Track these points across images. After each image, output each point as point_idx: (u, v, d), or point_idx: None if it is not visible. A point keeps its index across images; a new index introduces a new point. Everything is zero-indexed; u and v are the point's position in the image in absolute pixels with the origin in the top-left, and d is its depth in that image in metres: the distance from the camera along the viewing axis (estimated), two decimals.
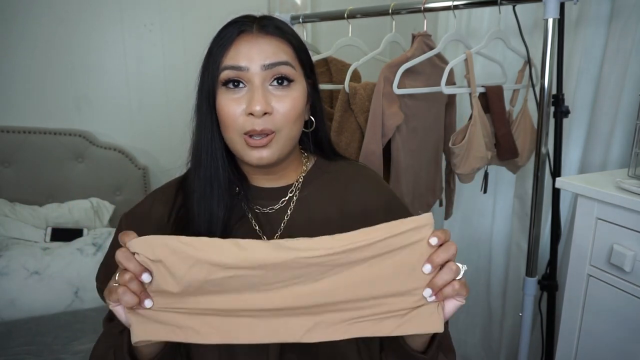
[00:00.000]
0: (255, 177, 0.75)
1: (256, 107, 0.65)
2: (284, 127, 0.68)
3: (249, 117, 0.66)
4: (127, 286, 0.52)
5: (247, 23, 0.69)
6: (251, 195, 0.74)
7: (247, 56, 0.67)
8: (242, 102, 0.67)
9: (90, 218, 1.90)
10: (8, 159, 1.89)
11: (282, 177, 0.76)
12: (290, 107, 0.68)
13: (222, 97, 0.68)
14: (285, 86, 0.68)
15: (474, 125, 1.24)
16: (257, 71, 0.67)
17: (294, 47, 0.72)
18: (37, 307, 1.56)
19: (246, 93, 0.67)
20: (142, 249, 0.52)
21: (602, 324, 1.00)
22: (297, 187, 0.76)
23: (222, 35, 0.69)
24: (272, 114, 0.67)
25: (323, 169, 0.79)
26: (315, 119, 0.77)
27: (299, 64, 0.72)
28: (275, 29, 0.70)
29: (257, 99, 0.65)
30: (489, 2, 1.19)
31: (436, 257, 0.53)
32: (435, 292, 0.54)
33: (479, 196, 1.67)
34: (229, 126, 0.68)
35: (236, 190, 0.73)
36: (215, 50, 0.69)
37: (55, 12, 1.90)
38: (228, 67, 0.67)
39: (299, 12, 2.11)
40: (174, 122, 2.08)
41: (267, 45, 0.68)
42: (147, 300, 0.53)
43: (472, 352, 1.92)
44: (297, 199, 0.75)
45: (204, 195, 0.69)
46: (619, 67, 1.27)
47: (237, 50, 0.68)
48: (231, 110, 0.67)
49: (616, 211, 0.95)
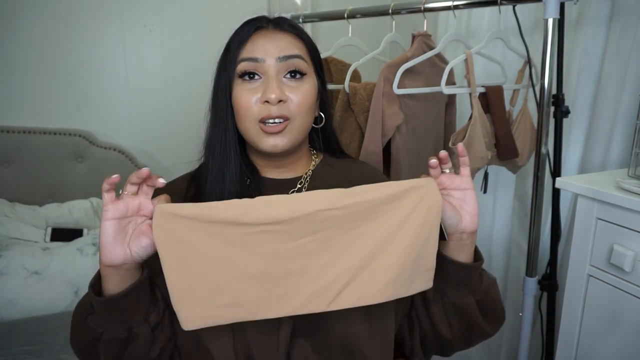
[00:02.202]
0: (266, 169, 0.78)
1: (271, 95, 0.69)
2: (297, 115, 0.71)
3: (264, 104, 0.70)
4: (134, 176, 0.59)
5: (263, 20, 0.74)
6: (262, 186, 0.76)
7: (263, 49, 0.71)
8: (258, 92, 0.70)
9: (90, 218, 1.89)
10: (8, 159, 1.89)
11: (292, 169, 0.79)
12: (303, 97, 0.72)
13: (238, 88, 0.71)
14: (298, 79, 0.72)
15: (474, 125, 1.24)
16: (272, 63, 0.70)
17: (306, 44, 0.76)
18: (37, 307, 1.56)
19: (261, 84, 0.71)
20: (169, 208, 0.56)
21: (602, 324, 1.00)
22: (306, 179, 0.79)
23: (240, 31, 0.73)
24: (286, 102, 0.70)
25: (330, 165, 0.83)
26: (324, 115, 0.81)
27: (311, 60, 0.76)
28: (289, 26, 0.75)
29: (272, 87, 0.69)
30: (489, 2, 1.19)
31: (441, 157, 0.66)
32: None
33: (479, 196, 1.66)
34: (244, 115, 0.71)
35: (247, 182, 0.75)
36: (233, 45, 0.73)
37: (55, 12, 1.90)
38: (245, 59, 0.71)
39: (299, 12, 2.11)
40: (174, 122, 2.08)
41: (282, 39, 0.73)
42: (161, 179, 0.59)
43: (472, 352, 1.92)
44: (306, 190, 0.77)
45: (216, 183, 0.72)
46: (619, 67, 1.27)
47: (253, 44, 0.72)
48: (247, 100, 0.70)
49: (616, 211, 0.95)
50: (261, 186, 0.76)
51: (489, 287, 0.72)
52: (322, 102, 0.80)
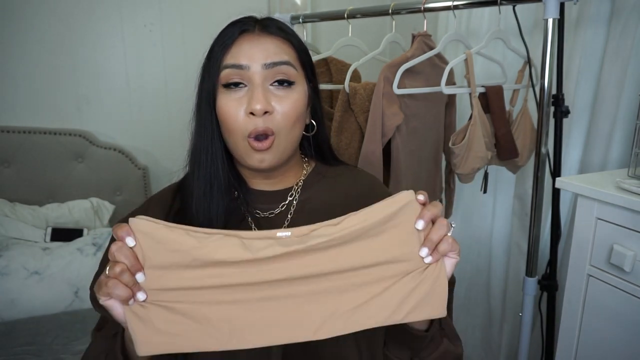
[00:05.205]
0: (254, 180, 0.74)
1: (256, 105, 0.64)
2: (283, 128, 0.67)
3: (249, 117, 0.65)
4: (119, 278, 0.49)
5: (249, 23, 0.69)
6: (250, 199, 0.72)
7: (248, 55, 0.66)
8: (243, 102, 0.66)
9: (90, 218, 1.90)
10: (8, 159, 1.89)
11: (281, 180, 0.75)
12: (290, 108, 0.67)
13: (222, 98, 0.67)
14: (286, 87, 0.67)
15: (474, 125, 1.24)
16: (257, 70, 0.66)
17: (296, 48, 0.71)
18: (37, 307, 1.56)
19: (246, 93, 0.66)
20: (145, 226, 0.51)
21: (602, 324, 1.00)
22: (297, 190, 0.75)
23: (224, 34, 0.68)
24: (272, 113, 0.66)
25: (322, 174, 0.78)
26: (315, 122, 0.76)
27: (301, 66, 0.71)
28: (278, 29, 0.69)
29: (257, 97, 0.64)
30: (489, 2, 1.19)
31: (426, 212, 0.54)
32: (431, 250, 0.54)
33: (479, 196, 1.67)
34: (231, 129, 0.66)
35: (235, 194, 0.71)
36: (216, 49, 0.68)
37: (55, 12, 1.90)
38: (229, 66, 0.66)
39: (299, 12, 2.11)
40: (174, 122, 2.08)
41: (269, 44, 0.68)
42: (140, 293, 0.51)
43: (472, 352, 1.92)
44: (297, 203, 0.73)
45: (203, 197, 0.67)
46: (619, 67, 1.27)
47: (238, 49, 0.67)
48: (232, 111, 0.66)
49: (616, 211, 0.95)
50: (250, 199, 0.72)
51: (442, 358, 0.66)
52: (314, 108, 0.75)
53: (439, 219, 0.55)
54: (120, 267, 0.50)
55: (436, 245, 0.54)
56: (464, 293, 1.91)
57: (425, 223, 0.54)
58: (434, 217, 0.54)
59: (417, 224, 0.54)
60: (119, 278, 0.49)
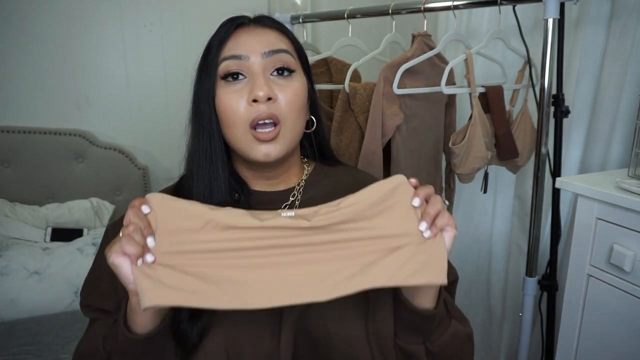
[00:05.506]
0: (255, 181, 0.73)
1: (259, 92, 0.63)
2: (288, 116, 0.66)
3: (252, 105, 0.64)
4: (131, 235, 0.50)
5: (243, 18, 0.70)
6: (252, 200, 0.71)
7: (246, 45, 0.66)
8: (244, 93, 0.65)
9: (90, 218, 1.90)
10: (8, 159, 1.89)
11: (283, 181, 0.74)
12: (294, 95, 0.66)
13: (222, 91, 0.66)
14: (287, 76, 0.67)
15: (474, 125, 1.24)
16: (257, 60, 0.65)
17: (292, 40, 0.72)
18: (37, 307, 1.56)
19: (246, 84, 0.65)
20: (160, 197, 0.55)
21: (602, 324, 1.00)
22: (299, 190, 0.74)
23: (220, 30, 0.69)
24: (275, 101, 0.65)
25: (324, 173, 0.78)
26: (315, 119, 0.76)
27: (298, 58, 0.71)
28: (273, 22, 0.70)
29: (260, 84, 0.64)
30: (489, 2, 1.19)
31: (420, 191, 0.57)
32: (429, 224, 0.56)
33: (479, 196, 1.67)
34: (232, 121, 0.65)
35: (236, 196, 0.70)
36: (213, 45, 0.68)
37: (55, 12, 1.90)
38: (227, 58, 0.66)
39: (299, 12, 2.11)
40: (174, 122, 2.06)
41: (266, 34, 0.68)
42: (149, 254, 0.51)
43: None
44: (299, 203, 0.73)
45: (203, 199, 0.65)
46: (619, 67, 1.27)
47: (236, 41, 0.67)
48: (233, 103, 0.65)
49: (616, 211, 0.95)
50: (251, 201, 0.70)
51: (450, 342, 0.65)
52: (313, 104, 0.75)
53: (433, 196, 0.58)
54: (133, 226, 0.51)
55: (434, 220, 0.56)
56: (464, 293, 1.90)
57: (421, 200, 0.57)
58: (427, 196, 0.57)
59: (414, 202, 0.56)
60: (132, 235, 0.51)
